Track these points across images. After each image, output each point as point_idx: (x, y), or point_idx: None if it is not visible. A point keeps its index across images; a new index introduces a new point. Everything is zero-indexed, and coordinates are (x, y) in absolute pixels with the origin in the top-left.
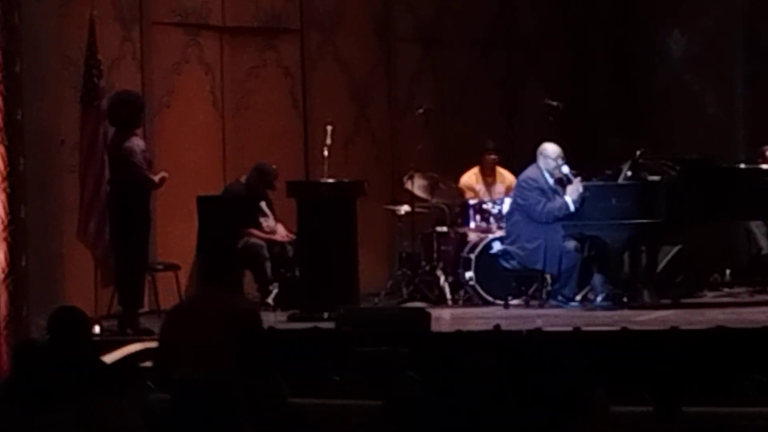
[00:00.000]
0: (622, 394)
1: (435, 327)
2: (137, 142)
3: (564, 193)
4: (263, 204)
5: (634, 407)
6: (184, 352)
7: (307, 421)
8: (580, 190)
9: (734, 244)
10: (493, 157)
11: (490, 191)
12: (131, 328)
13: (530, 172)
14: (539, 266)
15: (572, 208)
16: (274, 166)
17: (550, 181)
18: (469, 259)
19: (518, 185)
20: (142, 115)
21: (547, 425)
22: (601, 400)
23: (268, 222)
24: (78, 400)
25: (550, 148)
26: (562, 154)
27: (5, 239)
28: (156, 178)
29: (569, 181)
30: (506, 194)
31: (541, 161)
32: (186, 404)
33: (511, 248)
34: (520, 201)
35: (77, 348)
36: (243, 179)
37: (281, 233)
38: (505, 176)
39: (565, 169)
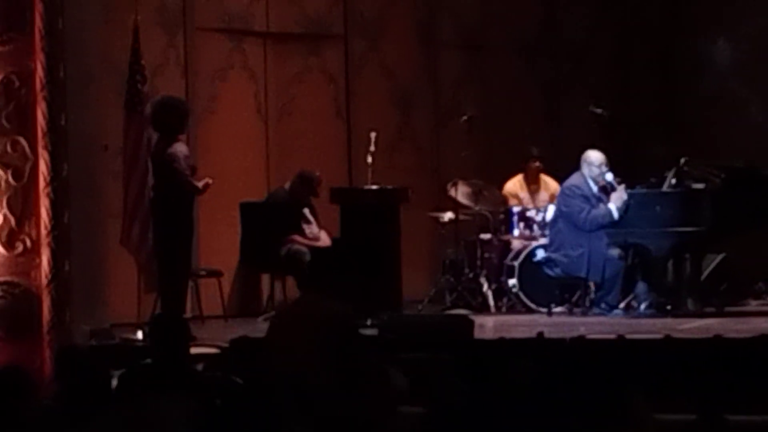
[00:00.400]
0: (666, 402)
1: (478, 334)
2: (180, 148)
3: (608, 200)
4: (306, 211)
5: (677, 415)
6: (284, 354)
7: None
8: (624, 197)
9: None
10: (537, 164)
11: (534, 199)
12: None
13: (574, 179)
14: (582, 274)
15: (616, 215)
16: (317, 173)
17: (594, 188)
18: (513, 267)
19: (562, 193)
20: (186, 122)
21: None
22: (643, 408)
23: (311, 229)
24: (121, 404)
25: (594, 156)
26: (605, 161)
27: (48, 244)
28: (200, 185)
29: (613, 189)
30: (550, 202)
31: (584, 168)
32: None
33: (554, 256)
34: (563, 208)
35: (177, 355)
36: (287, 186)
37: (324, 240)
38: (549, 184)
39: (609, 176)
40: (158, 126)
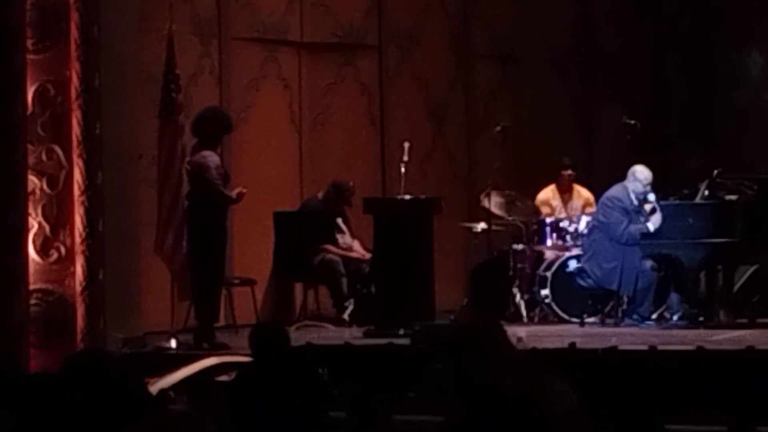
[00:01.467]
0: (698, 413)
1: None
2: (212, 158)
3: (646, 214)
4: (340, 220)
5: (709, 427)
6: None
7: None
8: (660, 221)
9: None
10: (569, 173)
11: (567, 207)
12: (207, 342)
13: (615, 191)
14: (614, 287)
15: (651, 231)
16: (351, 183)
17: (635, 202)
18: (545, 277)
19: (602, 203)
20: (224, 136)
21: None
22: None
23: (344, 238)
24: (152, 413)
25: (644, 173)
26: (651, 180)
27: (83, 252)
28: (233, 194)
29: (654, 210)
30: (583, 211)
31: (630, 183)
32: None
33: (586, 266)
34: (602, 219)
35: (281, 363)
36: (320, 195)
37: (358, 251)
38: (582, 193)
39: (651, 197)
40: (198, 134)
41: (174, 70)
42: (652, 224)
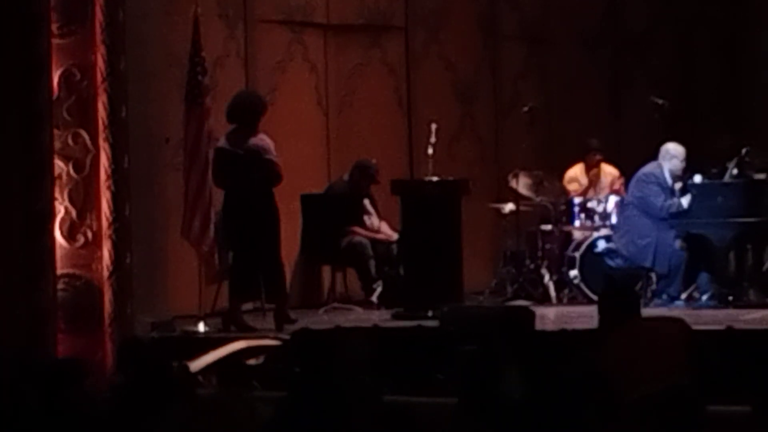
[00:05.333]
0: (728, 393)
1: (539, 326)
2: (268, 140)
3: (680, 196)
4: (367, 202)
5: (739, 407)
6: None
7: (407, 419)
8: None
9: None
10: (596, 157)
11: (595, 186)
12: (235, 324)
13: (651, 168)
14: (648, 263)
15: (685, 207)
16: (374, 161)
17: (670, 181)
18: (574, 258)
19: (637, 180)
20: (262, 118)
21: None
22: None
23: (371, 220)
24: (185, 398)
25: (678, 149)
26: (685, 155)
27: (110, 237)
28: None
29: (684, 187)
30: (610, 189)
31: (665, 160)
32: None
33: (619, 243)
34: (637, 194)
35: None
36: (345, 177)
37: (386, 232)
38: (608, 171)
39: (698, 178)
40: (236, 120)
41: (200, 53)
42: (686, 200)
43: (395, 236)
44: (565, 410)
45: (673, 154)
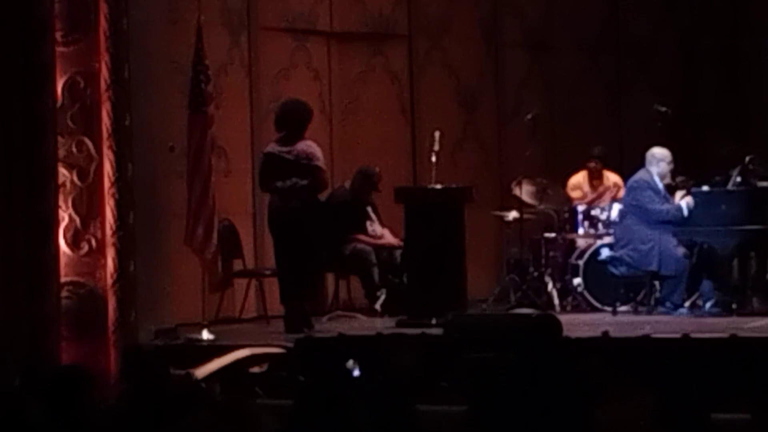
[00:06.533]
0: (732, 401)
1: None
2: (316, 147)
3: (673, 200)
4: (369, 209)
5: (742, 414)
6: None
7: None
8: (692, 203)
9: None
10: (594, 165)
11: (598, 194)
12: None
13: (640, 175)
14: (654, 267)
15: (686, 212)
16: (377, 169)
17: (660, 185)
18: (578, 266)
19: (630, 188)
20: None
21: None
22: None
23: (374, 226)
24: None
25: (662, 152)
26: (671, 158)
27: (114, 244)
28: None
29: (688, 192)
30: (613, 194)
31: (653, 166)
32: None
33: (622, 251)
34: (633, 202)
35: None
36: (347, 184)
37: (388, 239)
38: (610, 177)
39: (705, 188)
40: (284, 128)
41: (203, 60)
42: (684, 202)
43: (398, 243)
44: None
45: (659, 158)
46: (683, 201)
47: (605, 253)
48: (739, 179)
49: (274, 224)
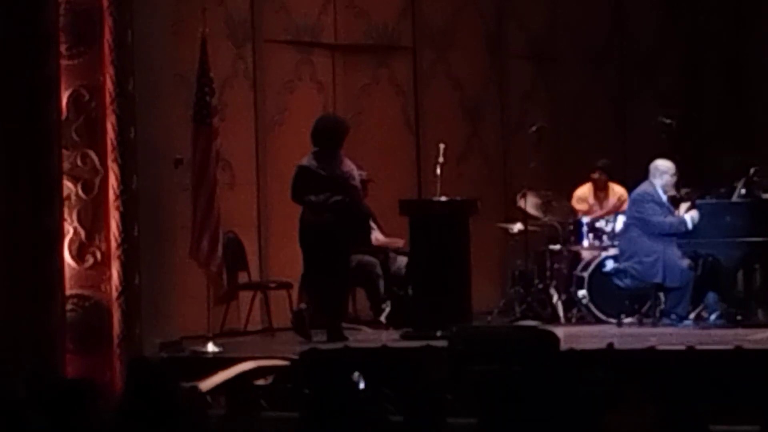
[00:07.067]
0: (737, 413)
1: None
2: (353, 166)
3: (677, 211)
4: (370, 219)
5: (747, 427)
6: None
7: None
8: (697, 217)
9: None
10: (597, 176)
11: (602, 205)
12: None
13: (644, 187)
14: (658, 279)
15: (690, 225)
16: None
17: (664, 197)
18: (582, 278)
19: (633, 201)
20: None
21: None
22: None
23: (375, 235)
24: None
25: (665, 164)
26: (675, 169)
27: (119, 257)
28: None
29: (693, 205)
30: (618, 208)
31: (656, 178)
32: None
33: (626, 264)
34: (636, 215)
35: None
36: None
37: (393, 242)
38: (617, 190)
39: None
40: (321, 144)
41: (208, 73)
42: (689, 215)
43: (401, 242)
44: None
45: (662, 170)
46: (688, 215)
47: (610, 265)
48: (743, 191)
49: (305, 238)
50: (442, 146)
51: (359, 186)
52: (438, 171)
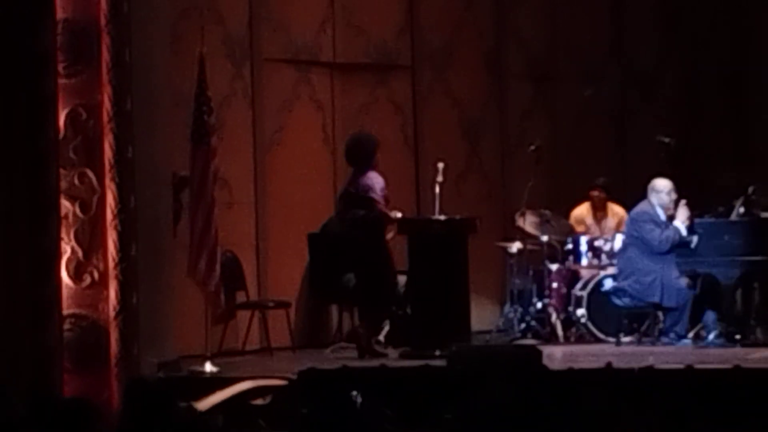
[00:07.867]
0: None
1: (546, 364)
2: (377, 180)
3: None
4: None
5: None
6: None
7: None
8: (687, 213)
9: None
10: (597, 194)
11: (601, 226)
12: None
13: (642, 206)
14: (656, 299)
15: (684, 231)
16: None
17: (662, 216)
18: (581, 297)
19: (631, 220)
20: (377, 155)
21: None
22: None
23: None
24: None
25: (662, 183)
26: (673, 188)
27: (116, 277)
28: (391, 214)
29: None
30: (617, 229)
31: (653, 197)
32: None
33: (625, 283)
34: (634, 234)
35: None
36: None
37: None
38: (616, 210)
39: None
40: (355, 162)
41: (206, 92)
42: (679, 220)
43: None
44: None
45: (659, 189)
46: (677, 221)
47: (608, 284)
48: (742, 210)
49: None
50: (440, 165)
51: (378, 199)
52: (437, 190)
